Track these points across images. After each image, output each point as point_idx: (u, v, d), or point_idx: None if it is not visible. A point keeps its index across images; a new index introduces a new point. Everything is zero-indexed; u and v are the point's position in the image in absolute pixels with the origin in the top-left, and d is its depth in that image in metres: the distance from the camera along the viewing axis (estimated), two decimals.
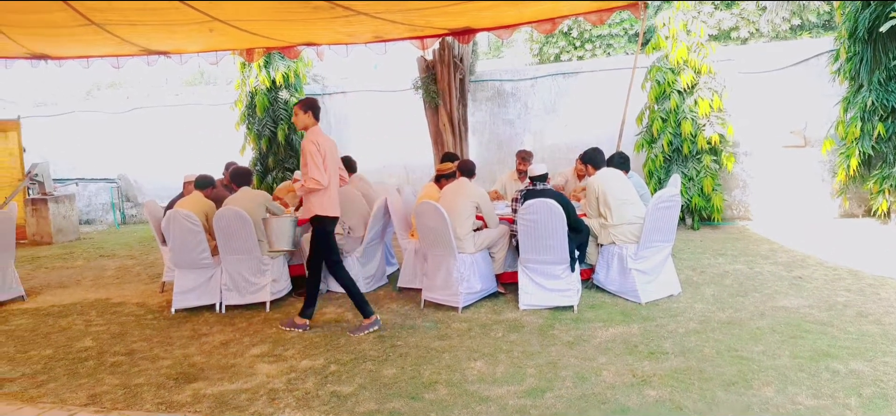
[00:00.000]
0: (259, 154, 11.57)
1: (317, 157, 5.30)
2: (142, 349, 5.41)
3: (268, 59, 10.98)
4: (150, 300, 7.01)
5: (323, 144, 5.37)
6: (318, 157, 5.30)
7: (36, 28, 7.23)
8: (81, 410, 4.24)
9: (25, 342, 5.74)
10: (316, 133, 5.42)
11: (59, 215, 11.52)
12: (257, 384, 4.50)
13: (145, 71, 14.00)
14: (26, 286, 7.61)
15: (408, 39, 8.13)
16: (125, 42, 7.78)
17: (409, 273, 6.74)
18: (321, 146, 5.34)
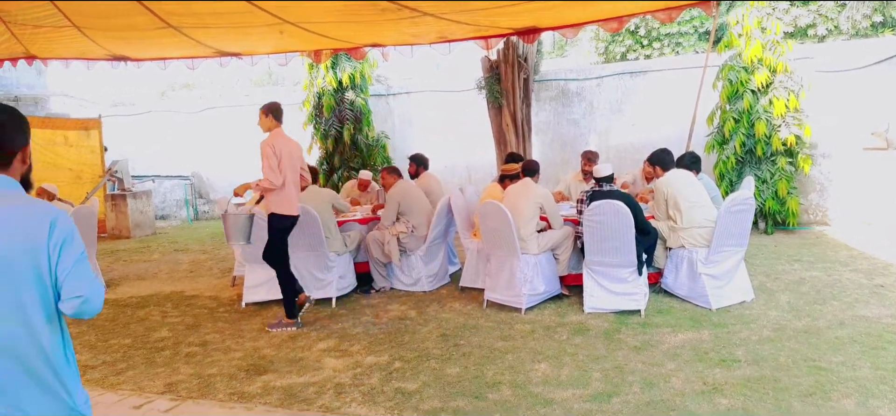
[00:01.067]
0: (325, 153, 11.79)
1: (272, 159, 5.55)
2: (214, 340, 5.60)
3: (335, 60, 11.19)
4: (222, 294, 7.25)
5: (279, 146, 5.60)
6: (274, 159, 5.55)
7: (117, 31, 7.59)
8: (158, 397, 4.42)
9: (106, 332, 6.03)
10: (276, 136, 5.68)
11: (137, 211, 12.06)
12: (324, 378, 4.59)
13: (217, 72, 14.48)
14: (106, 278, 8.00)
15: (472, 39, 8.13)
16: (200, 44, 8.07)
17: (471, 273, 6.75)
18: (277, 148, 5.59)
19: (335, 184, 11.42)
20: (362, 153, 11.66)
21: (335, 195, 6.82)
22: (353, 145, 11.65)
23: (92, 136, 12.26)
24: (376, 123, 12.12)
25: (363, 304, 6.49)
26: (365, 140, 11.66)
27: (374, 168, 11.34)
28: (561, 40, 16.40)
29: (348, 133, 11.47)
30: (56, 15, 7.02)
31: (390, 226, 6.81)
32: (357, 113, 11.56)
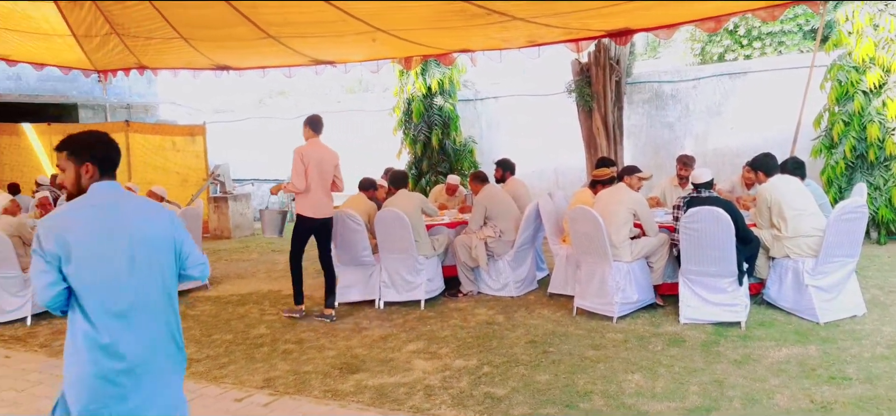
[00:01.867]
0: (414, 158, 11.98)
1: (299, 166, 6.12)
2: (309, 338, 5.79)
3: (425, 66, 11.35)
4: (316, 294, 7.46)
5: (308, 155, 6.16)
6: (301, 166, 6.10)
7: (221, 42, 8.01)
8: (257, 392, 4.61)
9: (209, 327, 6.35)
10: (310, 145, 6.26)
11: (237, 212, 12.66)
12: (414, 380, 4.65)
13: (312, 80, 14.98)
14: (210, 275, 8.40)
15: (562, 43, 8.03)
16: (296, 52, 8.39)
17: (560, 279, 6.66)
18: (305, 157, 6.14)
19: (423, 188, 11.57)
20: (450, 158, 11.76)
21: (424, 199, 6.90)
22: (441, 150, 11.77)
23: (197, 141, 12.97)
24: (464, 128, 12.19)
25: (451, 307, 6.53)
26: (453, 145, 11.75)
27: (462, 173, 11.41)
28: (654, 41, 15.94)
29: (436, 138, 11.60)
30: (166, 27, 7.49)
31: (477, 230, 6.83)
32: (445, 118, 11.67)
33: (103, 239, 2.40)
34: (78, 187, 2.53)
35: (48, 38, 8.31)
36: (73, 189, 2.54)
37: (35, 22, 7.82)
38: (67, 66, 9.79)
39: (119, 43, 8.48)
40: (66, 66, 9.79)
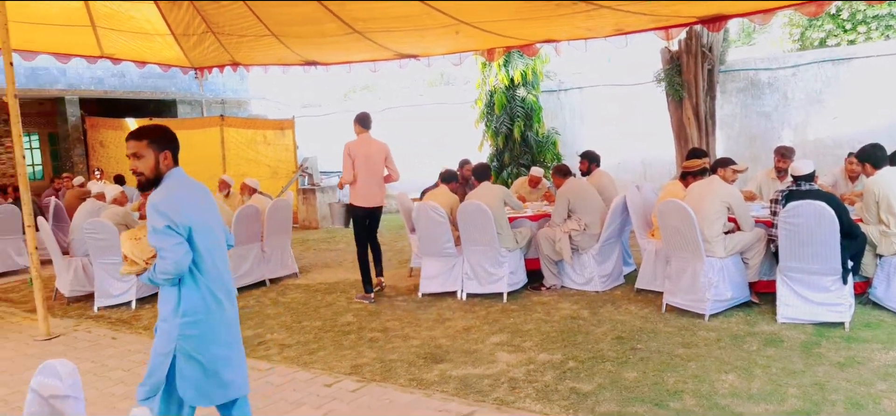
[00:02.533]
0: (496, 150, 11.95)
1: (347, 160, 6.74)
2: (394, 327, 5.88)
3: (507, 58, 11.29)
4: (400, 283, 7.60)
5: (356, 149, 6.75)
6: (349, 160, 6.72)
7: (310, 38, 8.23)
8: (346, 378, 4.73)
9: (299, 314, 6.56)
10: (359, 140, 6.84)
11: (324, 204, 13.02)
12: (498, 372, 4.64)
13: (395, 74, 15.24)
14: (300, 265, 8.69)
15: (651, 30, 7.78)
16: (381, 47, 8.51)
17: (648, 274, 6.47)
18: (353, 151, 6.73)
19: (505, 180, 11.53)
20: (532, 150, 11.65)
21: (507, 192, 6.87)
22: (524, 142, 11.68)
23: (286, 135, 13.42)
24: (547, 120, 12.05)
25: (534, 300, 6.47)
26: (535, 137, 11.64)
27: (545, 165, 11.29)
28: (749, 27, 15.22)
29: (519, 130, 11.51)
30: (258, 25, 7.77)
31: (561, 223, 6.73)
32: (528, 109, 11.56)
33: (207, 212, 2.93)
34: (156, 172, 2.87)
35: (149, 37, 8.80)
36: (151, 175, 2.86)
37: (137, 22, 8.29)
38: (167, 63, 10.31)
39: (214, 41, 8.87)
40: (166, 63, 10.31)
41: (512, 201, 6.94)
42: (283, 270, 8.24)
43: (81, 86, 13.85)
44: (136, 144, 2.85)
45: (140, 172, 2.86)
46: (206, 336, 2.85)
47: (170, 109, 15.78)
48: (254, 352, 5.42)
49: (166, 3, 7.57)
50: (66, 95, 13.82)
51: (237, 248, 7.45)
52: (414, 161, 14.30)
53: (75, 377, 1.87)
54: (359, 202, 6.86)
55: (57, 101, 14.12)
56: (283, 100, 18.37)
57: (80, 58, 9.18)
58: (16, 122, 5.71)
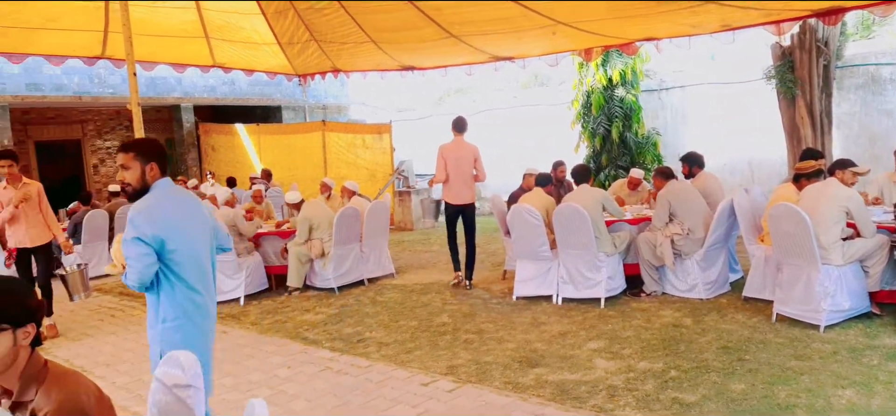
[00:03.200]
0: (593, 152, 11.71)
1: (439, 161, 7.41)
2: (489, 330, 5.89)
3: (605, 57, 11.04)
4: (494, 286, 7.59)
5: (448, 152, 7.40)
6: (441, 161, 7.39)
7: (408, 43, 8.38)
8: (442, 378, 4.77)
9: (396, 313, 6.69)
10: (451, 143, 7.46)
11: (419, 206, 13.22)
12: (596, 378, 4.54)
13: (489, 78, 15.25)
14: (396, 265, 8.86)
15: (761, 25, 7.38)
16: (477, 50, 8.55)
17: (757, 282, 6.14)
18: (445, 153, 7.39)
19: (602, 183, 11.27)
20: (631, 151, 11.33)
21: (606, 196, 6.71)
22: (622, 143, 11.38)
23: (384, 139, 13.73)
24: (647, 120, 11.68)
25: (633, 307, 6.30)
26: (634, 138, 11.31)
27: (644, 166, 10.95)
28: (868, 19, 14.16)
29: (617, 131, 11.23)
30: (358, 32, 8.00)
31: (662, 227, 6.51)
32: (627, 110, 11.26)
33: (188, 223, 3.03)
34: (142, 183, 2.99)
35: (257, 46, 9.25)
36: (138, 185, 2.99)
37: (246, 33, 8.73)
38: (273, 71, 10.80)
39: (317, 48, 9.21)
40: (272, 71, 10.80)
41: (611, 207, 6.73)
42: (381, 270, 8.43)
43: (195, 94, 14.73)
44: (123, 157, 2.97)
45: (127, 183, 3.00)
46: (187, 342, 2.88)
47: (275, 114, 16.51)
48: (353, 349, 5.58)
49: (273, 13, 7.93)
50: (181, 103, 14.75)
51: (338, 248, 7.69)
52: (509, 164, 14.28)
53: (196, 368, 1.99)
54: (450, 199, 7.51)
55: (173, 108, 15.10)
56: (379, 104, 18.78)
57: (194, 67, 9.77)
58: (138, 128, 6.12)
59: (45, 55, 8.38)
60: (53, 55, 8.43)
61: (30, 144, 14.68)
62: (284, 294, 7.80)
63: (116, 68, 10.18)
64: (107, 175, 15.96)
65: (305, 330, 6.30)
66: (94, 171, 15.87)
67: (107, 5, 6.88)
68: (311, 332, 6.23)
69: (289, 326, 6.51)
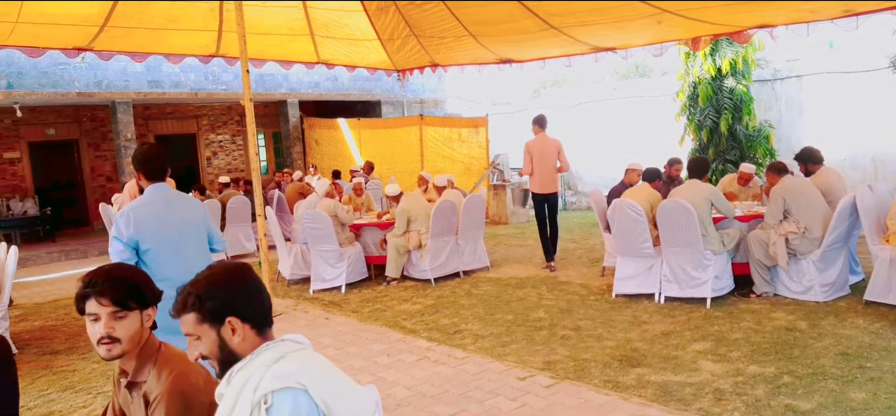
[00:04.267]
0: (699, 145, 11.23)
1: (526, 155, 8.34)
2: (587, 327, 5.78)
3: (714, 46, 10.54)
4: (592, 283, 7.45)
5: (532, 146, 8.32)
6: (527, 155, 8.30)
7: (507, 36, 8.34)
8: (539, 373, 4.73)
9: (492, 307, 6.70)
10: (536, 138, 8.36)
11: (512, 199, 13.16)
12: (702, 381, 4.37)
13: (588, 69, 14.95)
14: (491, 259, 8.87)
15: (889, 9, 6.83)
16: (577, 42, 8.39)
17: (881, 285, 5.69)
18: (530, 148, 8.32)
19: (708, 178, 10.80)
20: (741, 145, 10.77)
21: (716, 191, 6.39)
22: (731, 136, 10.84)
23: (480, 132, 13.76)
24: (759, 112, 11.07)
25: (742, 308, 6.00)
26: (745, 130, 10.74)
27: (756, 161, 10.39)
28: None
29: (726, 123, 10.71)
30: (457, 27, 8.04)
31: (776, 225, 6.15)
32: (737, 101, 10.70)
33: (169, 224, 3.52)
34: (140, 189, 3.60)
35: (359, 42, 9.49)
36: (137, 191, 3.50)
37: (349, 29, 8.98)
38: (373, 67, 11.05)
39: (416, 44, 9.34)
40: (372, 67, 11.05)
41: (721, 204, 6.35)
42: (476, 263, 8.46)
43: (301, 89, 15.32)
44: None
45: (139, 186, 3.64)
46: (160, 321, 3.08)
47: (375, 109, 16.91)
48: (450, 340, 5.64)
49: (375, 10, 8.12)
50: (288, 99, 15.38)
51: (435, 240, 7.79)
52: (609, 157, 13.97)
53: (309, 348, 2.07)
54: (535, 189, 8.36)
55: (280, 103, 15.77)
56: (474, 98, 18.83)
57: (300, 64, 10.16)
58: (250, 122, 6.45)
59: (165, 54, 8.95)
60: (173, 54, 8.99)
61: (150, 138, 15.77)
62: (383, 284, 7.98)
63: (229, 66, 10.71)
64: (218, 167, 16.91)
65: (403, 319, 6.42)
66: (207, 163, 16.85)
67: (221, 6, 7.27)
68: (408, 321, 6.34)
69: (387, 315, 6.66)
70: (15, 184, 13.94)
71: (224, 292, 1.70)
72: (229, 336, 1.72)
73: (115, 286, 2.02)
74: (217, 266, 1.77)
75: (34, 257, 11.69)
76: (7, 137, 13.91)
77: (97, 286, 2.02)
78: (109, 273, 2.06)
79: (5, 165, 13.97)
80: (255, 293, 1.75)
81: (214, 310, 1.70)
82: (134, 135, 13.22)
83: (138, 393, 2.07)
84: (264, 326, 1.78)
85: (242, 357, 1.74)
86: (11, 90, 11.29)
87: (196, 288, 1.73)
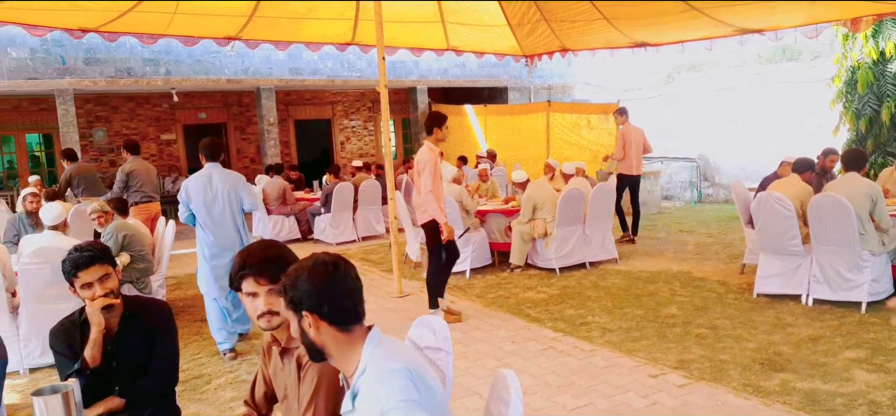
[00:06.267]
0: (856, 136, 10.26)
1: (620, 141, 9.32)
2: (724, 326, 5.46)
3: (877, 27, 9.56)
4: (730, 280, 7.03)
5: (627, 134, 9.27)
6: (622, 141, 9.24)
7: (644, 19, 8.02)
8: (672, 372, 4.53)
9: (620, 300, 6.50)
10: (628, 126, 9.35)
11: (645, 190, 12.63)
12: (855, 391, 4.00)
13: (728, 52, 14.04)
14: (617, 251, 8.58)
15: None
16: (722, 23, 7.91)
17: None
18: (626, 136, 9.24)
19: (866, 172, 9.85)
20: None
21: (877, 191, 5.71)
22: (893, 127, 9.81)
23: (610, 119, 13.35)
24: None
25: None
26: None
27: None
28: None
29: (888, 112, 9.70)
30: (591, 10, 7.84)
31: None
32: None
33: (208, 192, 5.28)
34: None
35: (488, 28, 9.50)
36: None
37: (479, 16, 9.01)
38: (501, 52, 11.03)
39: (547, 28, 9.21)
40: (500, 52, 11.04)
41: (880, 211, 5.65)
42: (603, 254, 8.23)
43: (430, 76, 15.60)
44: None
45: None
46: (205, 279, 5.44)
47: (502, 95, 16.89)
48: (576, 332, 5.53)
49: None
50: (417, 85, 15.71)
51: (561, 228, 7.66)
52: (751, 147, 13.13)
53: (446, 334, 2.09)
54: (623, 171, 9.33)
55: (410, 90, 16.14)
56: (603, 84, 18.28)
57: (429, 51, 10.34)
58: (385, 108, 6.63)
59: (305, 42, 9.43)
60: (312, 42, 9.46)
61: (290, 123, 16.70)
62: (506, 271, 7.97)
63: (363, 54, 11.13)
64: (351, 152, 17.61)
65: (528, 308, 6.38)
66: (340, 147, 17.60)
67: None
68: (533, 310, 6.29)
69: (511, 302, 6.64)
70: (171, 163, 15.27)
71: (305, 288, 1.75)
72: (307, 327, 1.78)
73: (271, 266, 2.13)
74: (309, 260, 1.79)
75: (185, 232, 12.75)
76: (165, 121, 15.26)
77: (254, 268, 2.14)
78: (264, 254, 2.18)
79: (163, 145, 15.34)
80: (337, 294, 1.76)
81: (295, 301, 1.77)
82: (276, 119, 14.04)
83: (290, 359, 2.18)
84: (347, 323, 1.79)
85: (321, 348, 1.80)
86: (170, 77, 12.34)
87: (288, 276, 1.80)
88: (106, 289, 2.61)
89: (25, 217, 6.94)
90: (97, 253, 2.61)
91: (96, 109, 14.45)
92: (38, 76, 11.10)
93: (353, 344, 1.79)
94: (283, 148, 15.89)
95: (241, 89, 14.72)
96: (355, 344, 1.79)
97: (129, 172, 8.12)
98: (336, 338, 1.78)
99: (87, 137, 14.07)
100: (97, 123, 14.52)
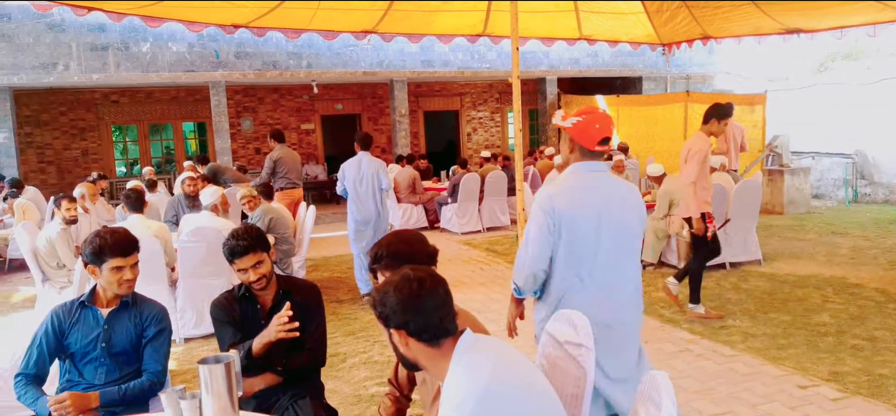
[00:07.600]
0: None
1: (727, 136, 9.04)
2: (884, 338, 4.98)
3: None
4: (891, 288, 6.39)
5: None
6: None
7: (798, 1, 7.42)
8: (824, 383, 4.19)
9: (764, 304, 6.08)
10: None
11: (793, 188, 11.78)
12: None
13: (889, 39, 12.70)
14: (762, 252, 8.04)
15: None
16: (889, 7, 7.15)
17: None
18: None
19: None
20: None
21: None
22: None
23: (756, 111, 12.53)
24: None
25: None
26: None
27: None
28: None
29: None
30: None
31: None
32: None
33: (356, 173, 6.58)
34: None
35: (623, 16, 9.16)
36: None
37: (614, 3, 8.71)
38: (636, 41, 10.61)
39: (687, 14, 8.74)
40: (636, 41, 10.62)
41: None
42: (746, 254, 7.74)
43: (560, 66, 15.34)
44: None
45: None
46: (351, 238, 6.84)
47: (635, 85, 16.31)
48: (715, 335, 5.25)
49: None
50: (547, 76, 15.51)
51: None
52: None
53: (588, 330, 2.04)
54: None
55: (539, 81, 15.97)
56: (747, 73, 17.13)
57: (561, 41, 10.15)
58: (517, 98, 6.59)
59: (437, 35, 9.57)
60: (444, 34, 9.58)
61: (419, 114, 17.08)
62: None
63: (493, 45, 11.13)
64: (477, 143, 17.74)
65: (661, 307, 6.14)
66: (467, 138, 17.78)
67: None
68: (666, 310, 6.04)
69: (644, 300, 6.40)
70: (310, 152, 16.12)
71: (392, 305, 1.75)
72: (397, 341, 1.80)
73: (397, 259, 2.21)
74: (397, 276, 1.79)
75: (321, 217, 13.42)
76: (304, 111, 16.12)
77: (382, 261, 2.27)
78: (391, 248, 2.28)
79: (303, 134, 16.22)
80: (424, 311, 1.74)
81: (384, 317, 1.79)
82: (407, 111, 14.41)
83: None
84: (436, 339, 1.77)
85: (413, 361, 1.82)
86: (311, 70, 12.99)
87: (377, 291, 1.82)
88: (259, 274, 2.79)
89: (184, 199, 7.59)
90: (251, 243, 2.78)
91: (244, 100, 15.56)
92: (194, 69, 12.07)
93: (444, 356, 1.78)
94: (412, 139, 16.29)
95: (375, 81, 15.24)
96: (446, 355, 1.78)
97: (277, 160, 8.63)
98: (425, 352, 1.78)
99: (235, 127, 15.18)
100: (245, 112, 15.63)
